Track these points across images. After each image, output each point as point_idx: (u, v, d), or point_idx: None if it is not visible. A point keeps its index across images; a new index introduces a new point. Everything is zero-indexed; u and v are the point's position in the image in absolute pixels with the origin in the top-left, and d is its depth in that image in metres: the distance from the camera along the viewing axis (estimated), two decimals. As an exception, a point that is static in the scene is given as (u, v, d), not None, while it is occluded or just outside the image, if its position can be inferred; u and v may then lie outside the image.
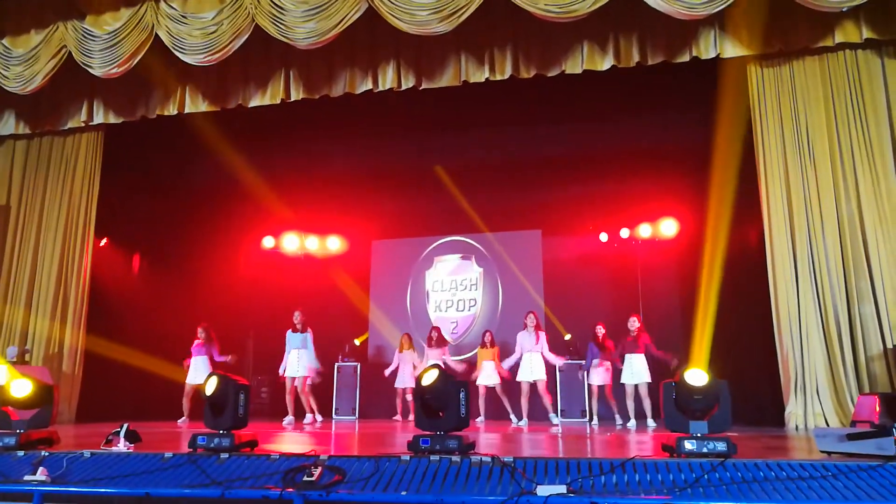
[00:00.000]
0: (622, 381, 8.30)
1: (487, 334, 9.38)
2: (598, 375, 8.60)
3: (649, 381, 8.15)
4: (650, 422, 8.10)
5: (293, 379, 8.78)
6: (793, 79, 7.29)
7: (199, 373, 8.70)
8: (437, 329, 9.85)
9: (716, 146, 9.43)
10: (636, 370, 8.17)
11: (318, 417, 8.95)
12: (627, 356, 8.25)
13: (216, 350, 8.88)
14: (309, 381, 8.90)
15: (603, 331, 8.66)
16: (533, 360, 8.61)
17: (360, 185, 11.17)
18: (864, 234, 6.78)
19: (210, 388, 4.11)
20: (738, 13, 7.04)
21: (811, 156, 7.09)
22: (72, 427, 7.45)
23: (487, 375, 8.99)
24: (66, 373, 8.55)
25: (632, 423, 8.16)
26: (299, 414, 8.90)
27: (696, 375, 3.64)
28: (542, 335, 8.79)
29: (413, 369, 9.75)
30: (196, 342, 8.88)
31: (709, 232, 9.39)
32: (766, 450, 4.40)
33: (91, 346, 8.86)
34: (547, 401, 8.65)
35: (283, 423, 8.56)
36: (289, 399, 8.79)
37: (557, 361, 8.86)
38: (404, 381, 9.74)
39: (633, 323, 8.29)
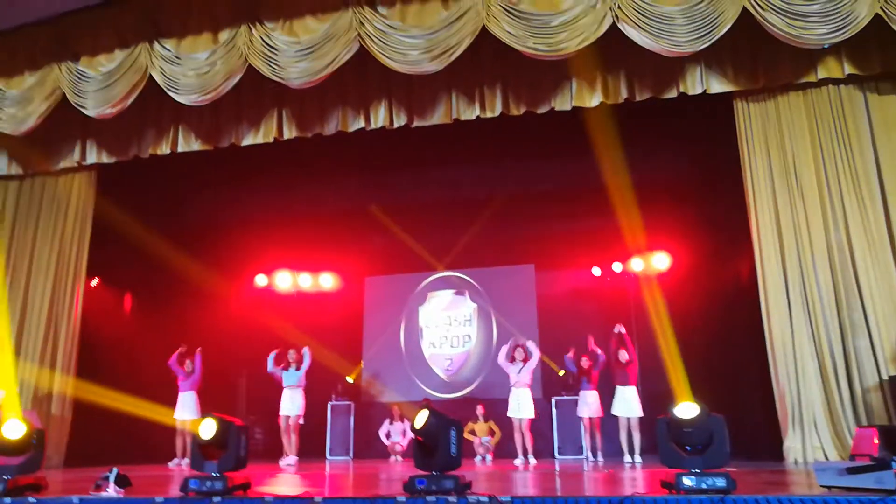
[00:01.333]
0: (613, 413, 8.19)
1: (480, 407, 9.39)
2: (588, 407, 8.50)
3: (641, 415, 8.04)
4: (636, 457, 7.93)
5: (287, 417, 8.66)
6: (778, 113, 7.41)
7: (186, 407, 8.65)
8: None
9: (707, 179, 9.56)
10: (628, 403, 8.07)
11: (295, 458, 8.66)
12: (619, 388, 8.17)
13: (199, 370, 8.83)
14: (301, 421, 8.78)
15: (588, 362, 8.58)
16: (521, 396, 8.38)
17: (352, 222, 11.20)
18: (854, 264, 6.83)
19: (208, 430, 4.03)
20: (722, 50, 7.19)
21: (799, 187, 7.18)
22: (60, 472, 7.31)
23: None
24: (55, 416, 8.40)
25: (626, 458, 8.05)
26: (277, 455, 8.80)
27: (686, 408, 3.62)
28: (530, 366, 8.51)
29: (402, 438, 9.72)
30: (182, 377, 8.78)
31: (701, 264, 9.46)
32: (766, 485, 4.35)
33: (81, 389, 8.73)
34: (528, 440, 8.30)
35: (281, 463, 8.41)
36: (285, 439, 8.67)
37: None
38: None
39: (623, 355, 8.22)
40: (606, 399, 8.42)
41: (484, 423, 9.40)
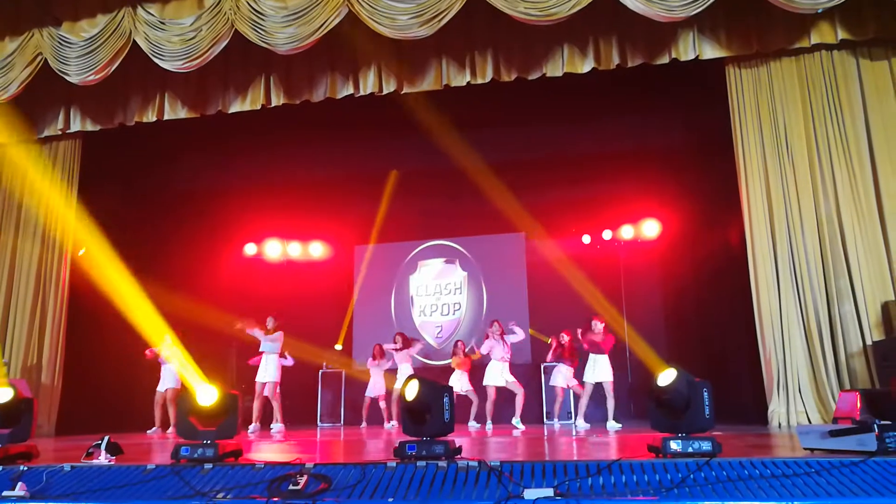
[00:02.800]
0: (584, 380, 8.38)
1: (459, 343, 9.44)
2: (562, 377, 8.88)
3: (611, 379, 8.19)
4: (610, 423, 8.01)
5: (263, 385, 8.60)
6: (770, 79, 7.38)
7: (167, 379, 8.74)
8: (401, 334, 9.78)
9: (697, 146, 9.54)
10: (599, 369, 8.22)
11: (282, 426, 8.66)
12: (592, 356, 8.30)
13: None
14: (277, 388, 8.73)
15: (567, 338, 8.87)
16: (503, 367, 8.69)
17: (342, 190, 11.13)
18: (842, 232, 6.87)
19: (210, 398, 4.04)
20: (716, 15, 7.12)
21: (790, 155, 7.18)
22: (51, 440, 7.33)
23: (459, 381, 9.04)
24: (45, 384, 8.42)
25: (581, 424, 8.22)
26: (266, 422, 8.78)
27: (665, 375, 3.67)
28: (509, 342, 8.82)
29: (382, 378, 9.68)
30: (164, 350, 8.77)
31: (690, 232, 9.48)
32: (750, 448, 4.42)
33: (70, 357, 8.73)
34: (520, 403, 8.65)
35: (249, 430, 8.33)
36: (256, 404, 8.58)
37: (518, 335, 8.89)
38: (375, 390, 9.65)
39: (597, 325, 8.35)
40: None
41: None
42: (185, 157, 10.14)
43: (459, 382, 8.98)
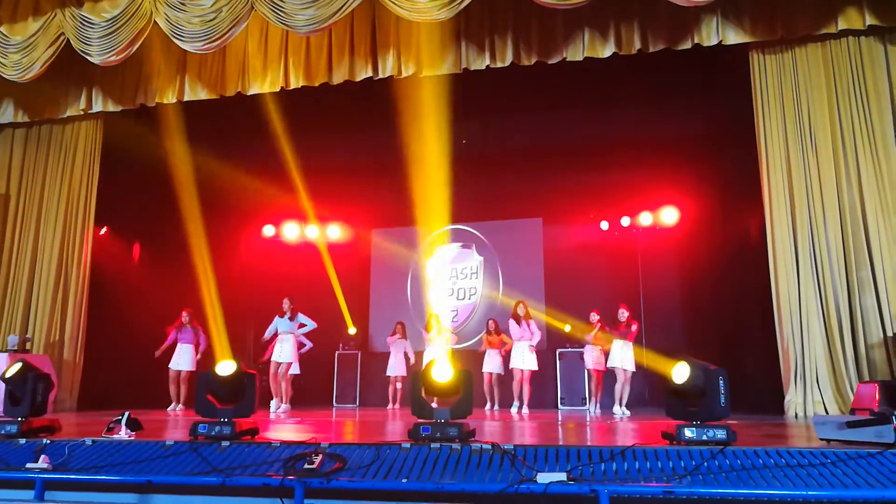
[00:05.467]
0: (608, 366, 8.38)
1: (491, 322, 9.43)
2: (592, 358, 8.75)
3: (633, 369, 8.23)
4: (619, 409, 8.08)
5: (279, 364, 8.69)
6: (795, 66, 7.25)
7: (182, 359, 8.85)
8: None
9: (718, 134, 9.42)
10: (624, 356, 8.23)
11: (287, 406, 8.78)
12: (616, 342, 8.31)
13: (203, 339, 9.07)
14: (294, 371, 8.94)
15: (598, 317, 8.77)
16: (524, 350, 8.76)
17: (361, 174, 11.14)
18: (865, 222, 6.77)
19: (224, 371, 4.10)
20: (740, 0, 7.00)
21: (813, 144, 7.07)
22: (73, 415, 7.48)
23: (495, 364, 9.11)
24: (67, 361, 8.58)
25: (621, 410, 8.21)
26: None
27: (679, 370, 3.65)
28: (533, 324, 8.92)
29: (405, 357, 9.80)
30: (183, 328, 8.98)
31: (709, 220, 9.38)
32: (765, 437, 4.40)
33: (92, 335, 8.88)
34: (526, 391, 8.73)
35: (273, 409, 8.53)
36: (273, 384, 8.72)
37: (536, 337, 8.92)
38: (395, 370, 9.77)
39: (623, 313, 8.36)
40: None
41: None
42: (205, 138, 10.17)
43: (493, 363, 9.11)
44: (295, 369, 9.07)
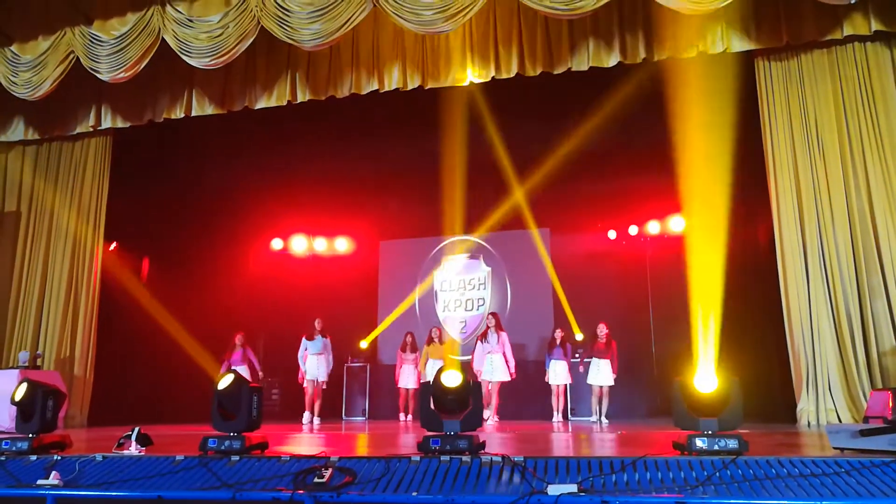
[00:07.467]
0: (588, 382, 8.83)
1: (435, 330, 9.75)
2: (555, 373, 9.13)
3: (611, 384, 8.73)
4: (603, 419, 8.70)
5: (314, 381, 9.18)
6: (801, 72, 7.24)
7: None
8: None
9: (724, 141, 9.37)
10: (603, 373, 8.70)
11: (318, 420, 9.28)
12: (595, 360, 8.76)
13: (256, 360, 9.56)
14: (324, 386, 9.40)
15: (561, 333, 9.19)
16: (494, 361, 8.90)
17: (368, 186, 11.17)
18: (874, 227, 6.73)
19: (223, 384, 4.10)
20: (744, 7, 6.99)
21: (820, 149, 7.04)
22: (84, 431, 7.49)
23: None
24: (77, 377, 8.60)
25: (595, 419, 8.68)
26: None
27: (705, 380, 3.61)
28: (504, 335, 9.06)
29: (414, 369, 9.83)
30: (236, 352, 9.35)
31: (718, 228, 9.33)
32: (778, 447, 4.36)
33: (102, 350, 8.92)
34: (494, 400, 8.86)
35: (306, 420, 9.04)
36: (308, 401, 9.22)
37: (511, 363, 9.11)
38: (407, 382, 9.80)
39: (602, 329, 8.76)
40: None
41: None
42: (212, 153, 10.24)
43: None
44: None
